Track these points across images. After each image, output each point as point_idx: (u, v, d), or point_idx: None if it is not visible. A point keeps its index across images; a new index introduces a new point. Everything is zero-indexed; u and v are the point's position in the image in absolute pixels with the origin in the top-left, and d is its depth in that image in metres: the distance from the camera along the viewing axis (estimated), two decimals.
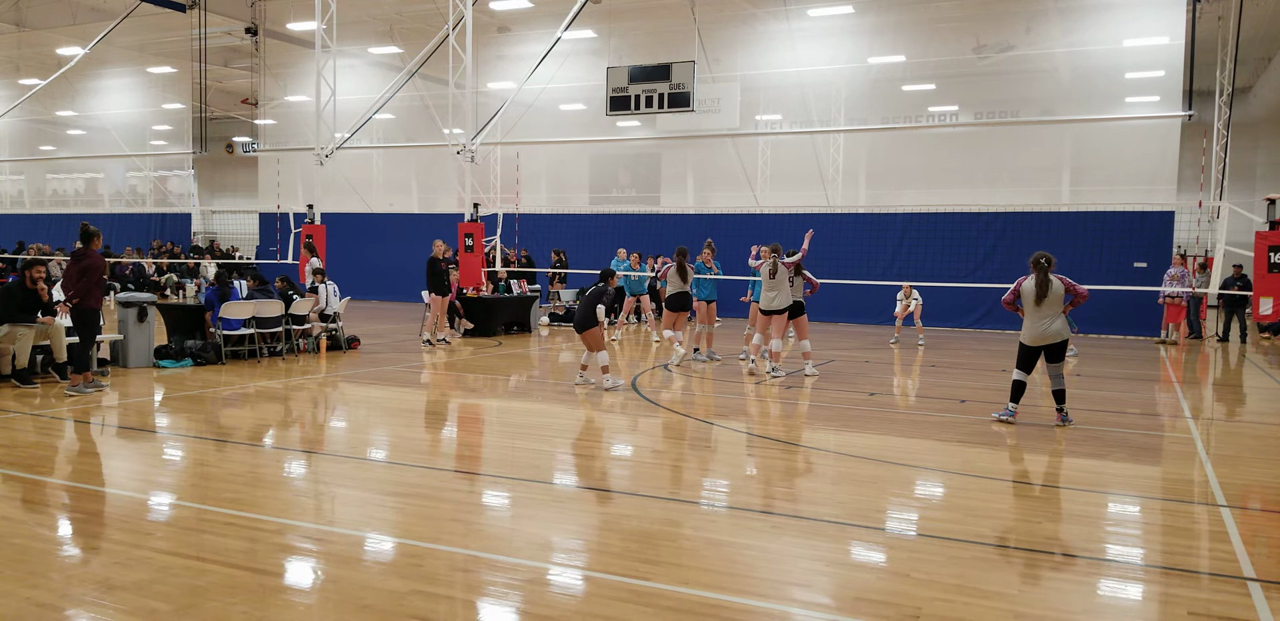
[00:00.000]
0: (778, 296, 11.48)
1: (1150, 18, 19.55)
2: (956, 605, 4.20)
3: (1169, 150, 19.48)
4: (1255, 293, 11.47)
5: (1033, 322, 8.57)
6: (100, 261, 9.87)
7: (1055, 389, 8.71)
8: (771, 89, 23.10)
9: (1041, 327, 8.51)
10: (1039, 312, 8.51)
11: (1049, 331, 8.49)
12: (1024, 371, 8.72)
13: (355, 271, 24.11)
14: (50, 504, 5.84)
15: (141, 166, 32.05)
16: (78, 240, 10.01)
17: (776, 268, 11.49)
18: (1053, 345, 8.55)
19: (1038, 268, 8.50)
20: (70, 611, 4.01)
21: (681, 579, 4.49)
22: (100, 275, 9.81)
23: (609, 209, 24.81)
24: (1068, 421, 8.66)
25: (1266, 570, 4.75)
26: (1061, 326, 8.51)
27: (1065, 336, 8.56)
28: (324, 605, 4.16)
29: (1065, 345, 8.62)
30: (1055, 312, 8.49)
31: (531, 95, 22.13)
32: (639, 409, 9.58)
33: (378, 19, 24.93)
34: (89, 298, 9.74)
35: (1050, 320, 8.48)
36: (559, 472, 6.83)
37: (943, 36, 21.67)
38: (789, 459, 7.43)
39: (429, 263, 15.09)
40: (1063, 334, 8.53)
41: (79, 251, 9.84)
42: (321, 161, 18.24)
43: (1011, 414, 8.78)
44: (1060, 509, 6.01)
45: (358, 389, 10.79)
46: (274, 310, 12.94)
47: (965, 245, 19.88)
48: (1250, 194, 24.86)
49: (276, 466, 6.94)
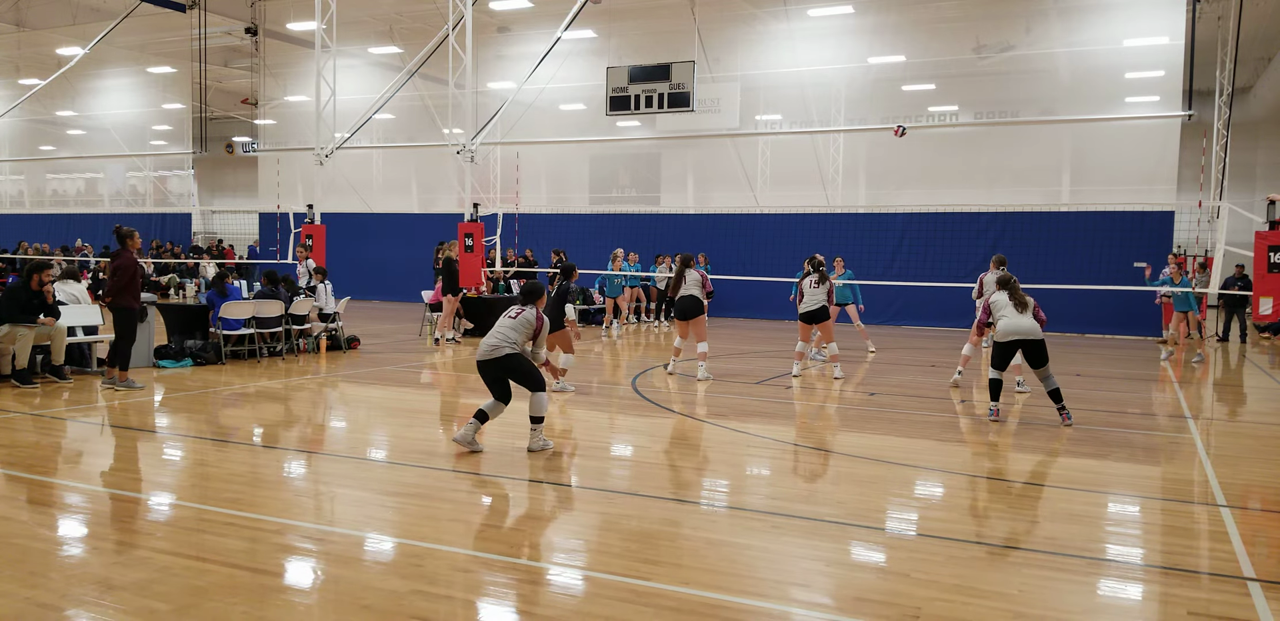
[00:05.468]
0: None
1: (1150, 18, 19.54)
2: (956, 605, 4.20)
3: (1169, 150, 19.47)
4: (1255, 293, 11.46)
5: (1006, 321, 8.75)
6: (128, 261, 10.14)
7: (1049, 390, 8.68)
8: (771, 89, 23.09)
9: (1015, 324, 8.66)
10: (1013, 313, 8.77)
11: (1021, 327, 8.62)
12: (998, 369, 8.79)
13: (355, 271, 24.10)
14: (50, 504, 5.84)
15: (141, 166, 32.04)
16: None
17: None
18: (1028, 344, 8.61)
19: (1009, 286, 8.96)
20: (70, 611, 4.01)
21: (682, 579, 4.49)
22: (130, 274, 10.09)
23: (609, 209, 24.80)
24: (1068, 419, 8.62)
25: (1266, 570, 4.75)
26: (1034, 325, 8.66)
27: (1039, 336, 8.63)
28: (324, 605, 4.16)
29: (1043, 346, 8.64)
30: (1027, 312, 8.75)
31: (531, 95, 22.12)
32: (638, 409, 9.58)
33: (378, 19, 24.92)
34: (121, 296, 10.05)
35: (1023, 318, 8.69)
36: (559, 473, 6.83)
37: (943, 36, 21.66)
38: (789, 459, 7.43)
39: (446, 262, 15.23)
40: (1037, 333, 8.62)
41: (115, 253, 10.25)
42: (321, 161, 18.23)
43: (994, 413, 8.89)
44: (1060, 509, 6.01)
45: (358, 389, 10.79)
46: (274, 310, 12.94)
47: (965, 245, 19.87)
48: (1250, 194, 24.84)
49: (276, 466, 6.94)
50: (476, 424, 7.17)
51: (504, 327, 7.29)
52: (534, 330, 7.28)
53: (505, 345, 7.19)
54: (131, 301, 10.14)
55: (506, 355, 7.16)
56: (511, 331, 7.25)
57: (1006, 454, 7.61)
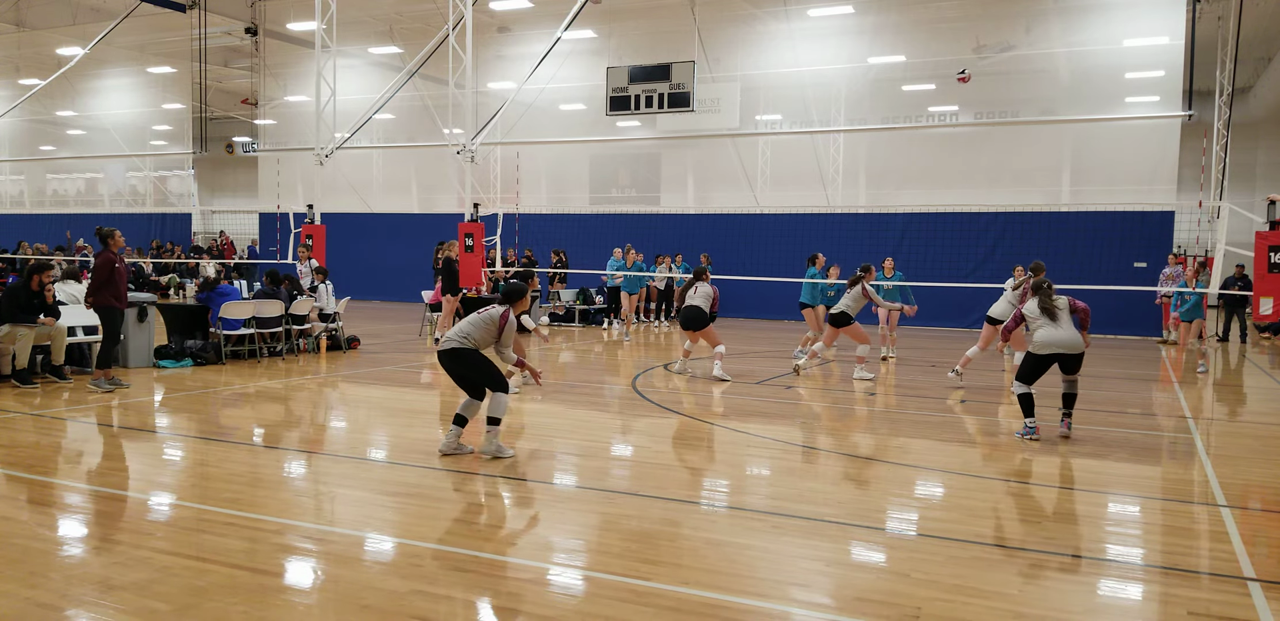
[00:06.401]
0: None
1: (1150, 18, 19.54)
2: (956, 605, 4.20)
3: (1169, 150, 19.47)
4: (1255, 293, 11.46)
5: (1045, 332, 7.94)
6: (106, 259, 10.03)
7: (1067, 392, 8.08)
8: (771, 89, 23.08)
9: (1054, 335, 7.87)
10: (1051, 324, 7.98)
11: (1062, 339, 7.84)
12: (1025, 383, 8.07)
13: (355, 271, 24.09)
14: (50, 504, 5.84)
15: (141, 166, 32.03)
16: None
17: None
18: (1066, 357, 7.88)
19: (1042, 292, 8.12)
20: (70, 611, 4.01)
21: (682, 579, 4.49)
22: (106, 273, 9.97)
23: (609, 209, 24.80)
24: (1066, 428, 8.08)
25: (1266, 570, 4.75)
26: (1075, 338, 7.88)
27: (1081, 349, 7.89)
28: (324, 605, 4.16)
29: (1080, 359, 7.92)
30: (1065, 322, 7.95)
31: (531, 95, 22.12)
32: (639, 409, 9.58)
33: (378, 19, 24.93)
34: (100, 295, 9.96)
35: (1061, 328, 7.90)
36: (559, 472, 6.83)
37: (943, 36, 21.66)
38: (789, 459, 7.43)
39: (446, 262, 15.20)
40: (1079, 346, 7.87)
41: (97, 253, 10.19)
42: (321, 161, 18.23)
43: (1033, 431, 7.99)
44: (1060, 509, 6.01)
45: (358, 389, 10.79)
46: (274, 310, 12.94)
47: (965, 245, 19.88)
48: (1250, 194, 24.84)
49: (276, 466, 6.94)
50: (458, 430, 7.17)
51: (465, 323, 7.24)
52: (498, 329, 7.15)
53: (456, 339, 7.11)
54: (111, 300, 10.00)
55: (454, 349, 7.07)
56: (470, 327, 7.17)
57: (1006, 454, 7.61)
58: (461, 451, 7.16)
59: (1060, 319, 7.96)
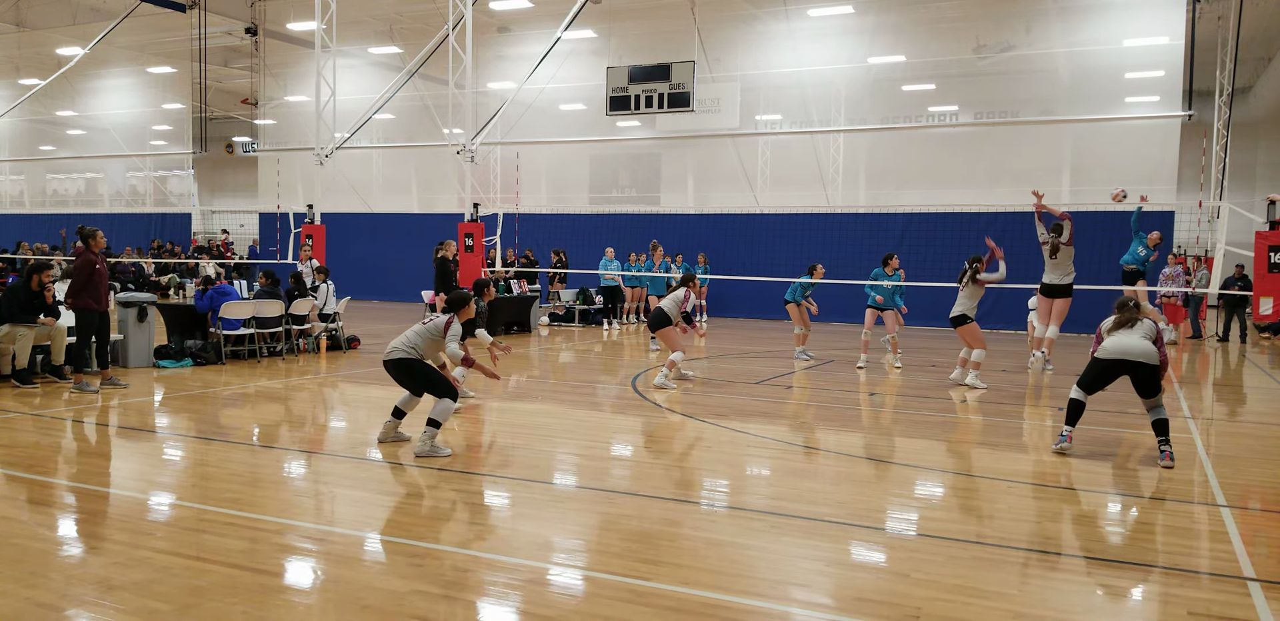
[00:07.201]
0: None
1: (1150, 18, 19.56)
2: (956, 605, 4.20)
3: (1169, 150, 19.48)
4: (1255, 293, 11.48)
5: (1114, 339, 7.36)
6: (85, 260, 9.86)
7: (1155, 420, 7.29)
8: (771, 89, 23.09)
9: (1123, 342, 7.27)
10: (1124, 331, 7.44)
11: (1130, 347, 7.21)
12: (1086, 391, 7.42)
13: (355, 271, 24.09)
14: (50, 504, 5.84)
15: (141, 166, 32.05)
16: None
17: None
18: (1136, 367, 7.17)
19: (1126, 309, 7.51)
20: (70, 611, 4.01)
21: (681, 579, 4.49)
22: (86, 275, 9.80)
23: (609, 209, 24.80)
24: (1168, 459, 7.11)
25: (1266, 570, 4.75)
26: (1147, 347, 7.19)
27: (1152, 360, 7.15)
28: (324, 605, 4.16)
29: (1155, 373, 7.18)
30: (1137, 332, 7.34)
31: (531, 95, 22.13)
32: (638, 409, 9.58)
33: (378, 19, 24.94)
34: (78, 297, 9.83)
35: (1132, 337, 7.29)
36: (558, 472, 6.83)
37: (943, 36, 21.68)
38: (789, 458, 7.43)
39: (439, 262, 15.03)
40: (1150, 357, 7.15)
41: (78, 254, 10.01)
42: (321, 161, 18.24)
43: (1064, 439, 7.46)
44: (1060, 509, 6.01)
45: (358, 389, 10.79)
46: (274, 310, 12.94)
47: (965, 245, 19.85)
48: (1250, 194, 24.84)
49: (276, 466, 6.94)
50: (395, 421, 7.45)
51: (409, 332, 7.40)
52: (443, 338, 7.30)
53: (401, 349, 7.27)
54: (90, 302, 9.84)
55: (399, 360, 7.25)
56: (416, 336, 7.34)
57: (1006, 453, 7.61)
58: (400, 438, 7.47)
59: (1136, 328, 7.38)
